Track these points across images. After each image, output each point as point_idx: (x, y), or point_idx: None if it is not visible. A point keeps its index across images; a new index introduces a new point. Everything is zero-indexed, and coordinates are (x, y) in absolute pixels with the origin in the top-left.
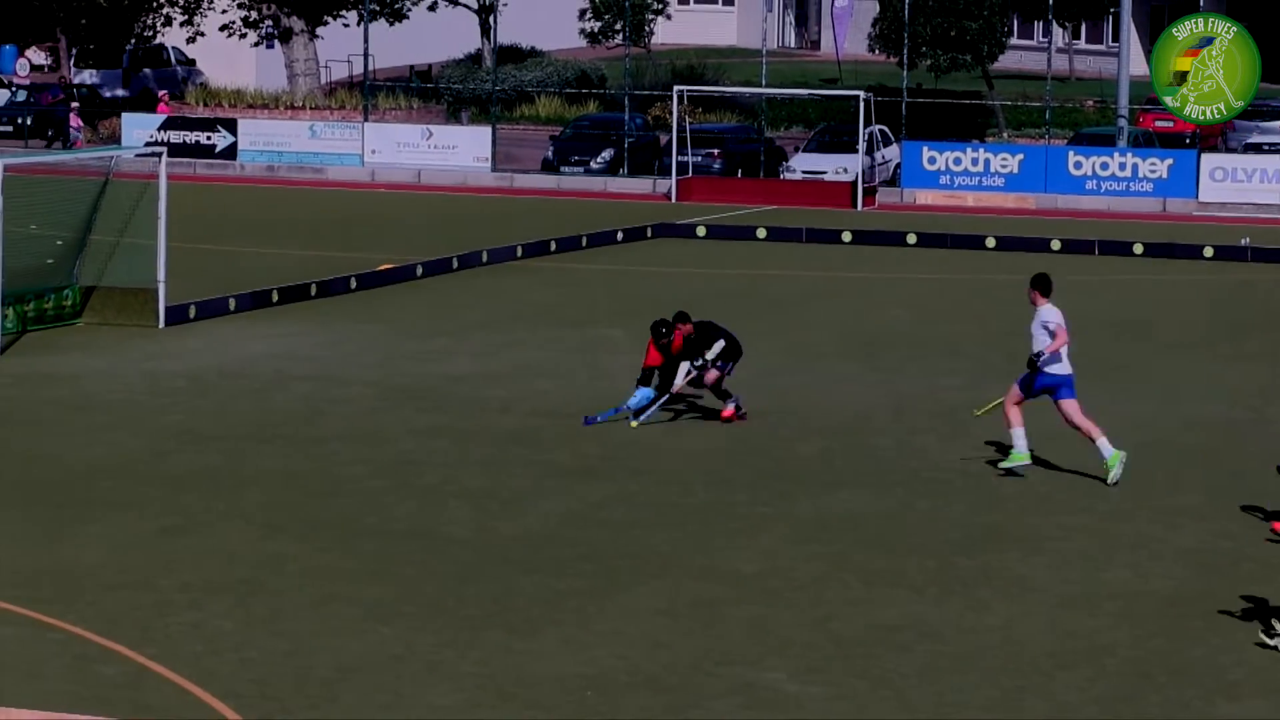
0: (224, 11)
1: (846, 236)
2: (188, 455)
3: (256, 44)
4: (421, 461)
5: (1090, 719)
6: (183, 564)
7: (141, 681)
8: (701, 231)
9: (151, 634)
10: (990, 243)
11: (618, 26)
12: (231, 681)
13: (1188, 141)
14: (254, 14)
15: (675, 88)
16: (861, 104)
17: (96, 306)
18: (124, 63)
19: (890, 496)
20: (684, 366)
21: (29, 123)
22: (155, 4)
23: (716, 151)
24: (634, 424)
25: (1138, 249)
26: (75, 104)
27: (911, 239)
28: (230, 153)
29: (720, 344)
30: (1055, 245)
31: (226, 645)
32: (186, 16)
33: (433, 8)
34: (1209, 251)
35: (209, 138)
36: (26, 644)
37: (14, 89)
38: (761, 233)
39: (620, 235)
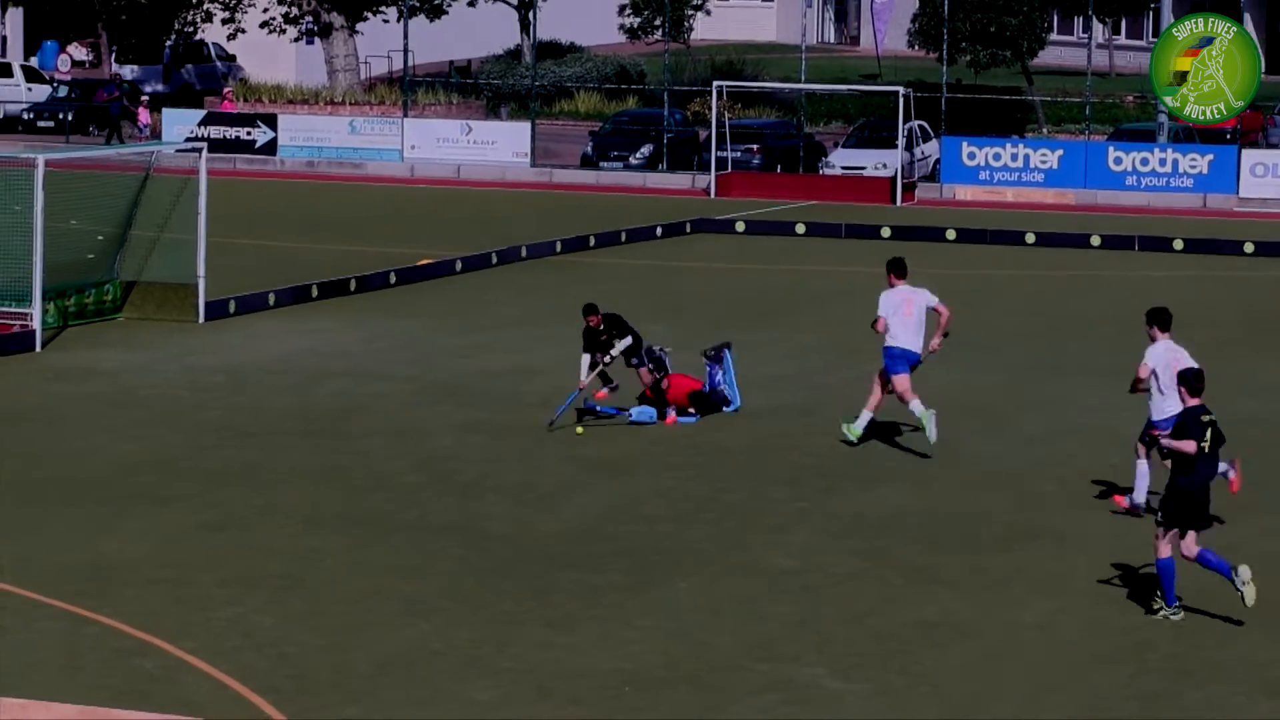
0: (265, 10)
1: (886, 232)
2: (227, 450)
3: (296, 40)
4: (459, 457)
5: (1129, 716)
6: (221, 559)
7: (180, 676)
8: (740, 227)
9: (190, 628)
10: (1030, 238)
11: (657, 22)
12: (270, 676)
13: (1228, 137)
14: (294, 10)
15: (715, 83)
16: (901, 99)
17: (137, 301)
18: (164, 58)
19: (928, 493)
20: (585, 359)
21: (71, 118)
22: (196, 0)
23: (756, 147)
24: (579, 430)
25: (1178, 245)
26: (144, 97)
27: (951, 234)
28: (270, 148)
29: (627, 341)
30: (1095, 241)
31: (265, 640)
32: (228, 13)
33: (472, 3)
34: (1250, 247)
35: (249, 133)
36: (66, 638)
37: (56, 84)
38: (800, 228)
39: (659, 231)
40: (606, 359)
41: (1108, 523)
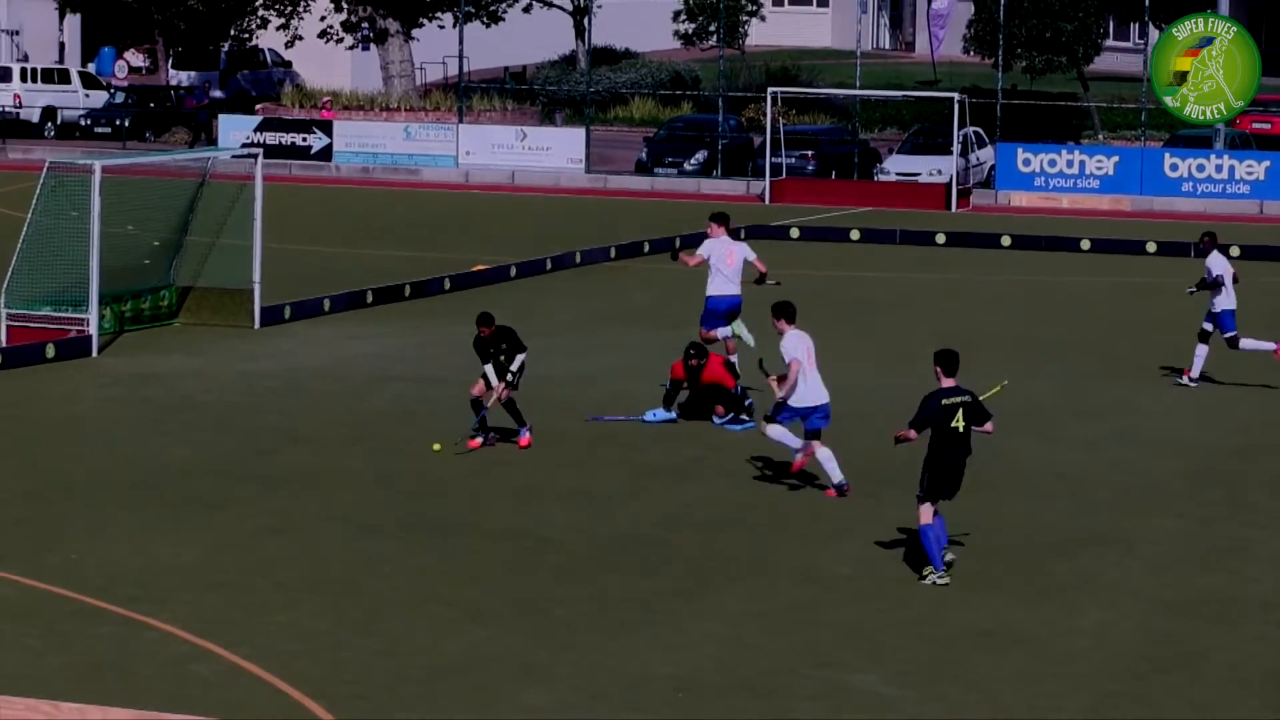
0: (322, 18)
1: (940, 238)
2: (283, 456)
3: (352, 47)
4: (515, 463)
5: None
6: (277, 564)
7: (235, 681)
8: (795, 233)
9: (245, 634)
10: (1085, 245)
11: (712, 28)
12: (325, 682)
13: None
14: (352, 17)
15: (769, 89)
16: (956, 106)
17: (192, 307)
18: (221, 65)
19: (983, 499)
20: (488, 368)
21: (128, 124)
22: (252, 7)
23: (810, 153)
24: (435, 447)
25: (1234, 251)
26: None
27: (1006, 241)
28: (325, 154)
29: (522, 357)
30: (1150, 248)
31: (320, 645)
32: (284, 20)
33: (528, 9)
34: None
35: (304, 139)
36: (122, 643)
37: (113, 91)
38: (855, 234)
39: None
40: (510, 379)
41: (1165, 529)
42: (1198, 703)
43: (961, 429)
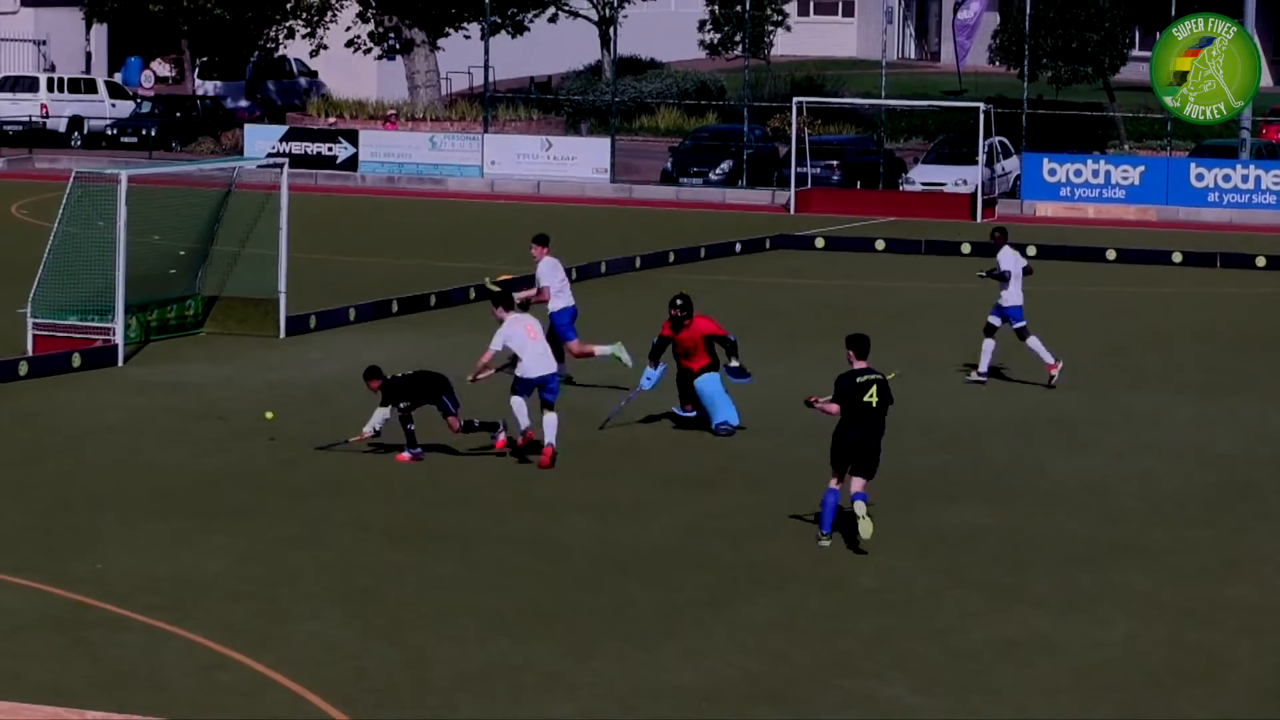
0: (348, 29)
1: (966, 248)
2: (308, 465)
3: (379, 57)
4: (540, 472)
5: None
6: (302, 573)
7: (261, 690)
8: (820, 243)
9: (271, 642)
10: (1111, 255)
11: (737, 38)
12: (350, 691)
13: None
14: (380, 27)
15: (794, 99)
16: (981, 115)
17: (218, 316)
18: (247, 74)
19: (1009, 509)
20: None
21: (153, 134)
22: (278, 17)
23: (836, 163)
24: (268, 415)
25: (1260, 262)
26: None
27: (1031, 251)
28: (351, 164)
29: (384, 414)
30: (1176, 258)
31: (345, 654)
32: (310, 30)
33: (553, 20)
34: None
35: (330, 149)
36: (148, 651)
37: (139, 100)
38: (880, 244)
39: (739, 247)
40: (376, 429)
41: (1192, 540)
42: (1224, 714)
43: (875, 404)
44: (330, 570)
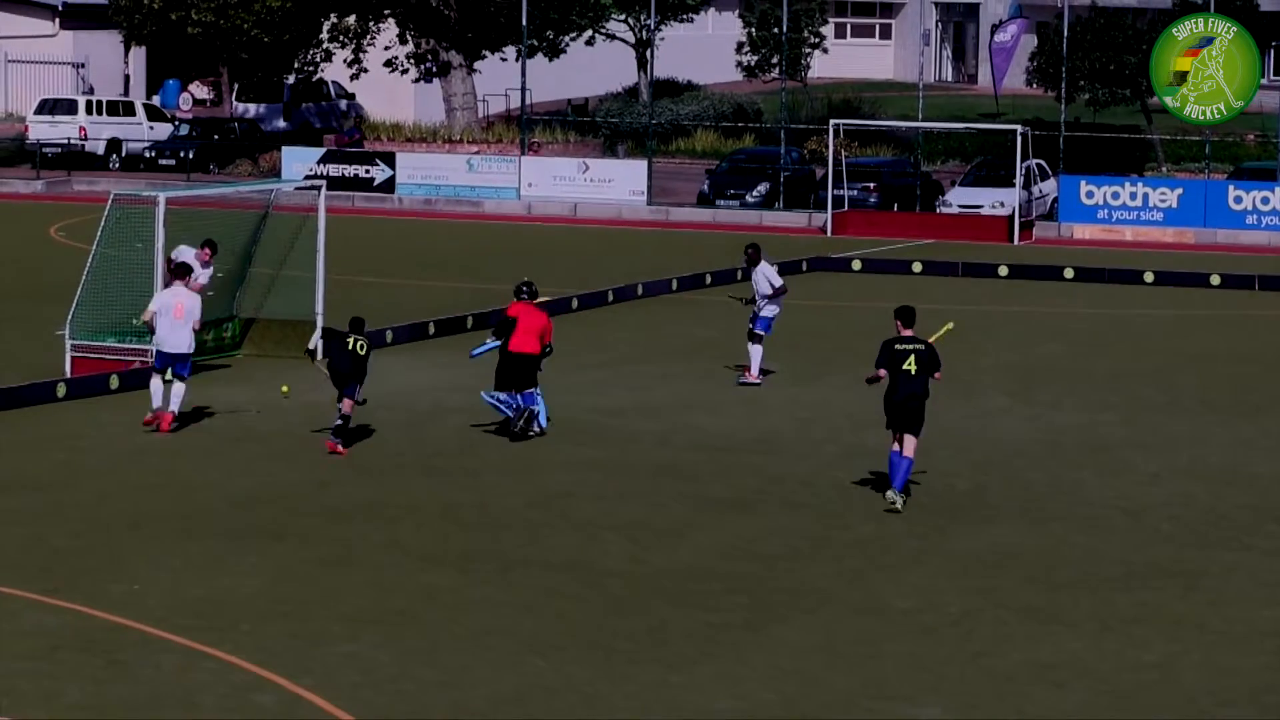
0: (387, 47)
1: (1003, 270)
2: (345, 487)
3: (417, 79)
4: (576, 494)
5: None
6: (339, 595)
7: (296, 711)
8: (857, 265)
9: (307, 664)
10: (1149, 278)
11: (774, 60)
12: (386, 712)
13: None
14: (419, 49)
15: (831, 121)
16: (1019, 138)
17: (256, 338)
18: (285, 96)
19: (1046, 531)
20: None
21: (191, 156)
22: (317, 40)
23: (873, 185)
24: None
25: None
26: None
27: (1069, 273)
28: (388, 186)
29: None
30: (1215, 280)
31: (382, 676)
32: (354, 56)
33: (590, 42)
34: None
35: (367, 171)
36: (184, 672)
37: (178, 123)
38: (917, 266)
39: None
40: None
41: (1229, 562)
42: None
43: (914, 371)
44: (366, 591)
